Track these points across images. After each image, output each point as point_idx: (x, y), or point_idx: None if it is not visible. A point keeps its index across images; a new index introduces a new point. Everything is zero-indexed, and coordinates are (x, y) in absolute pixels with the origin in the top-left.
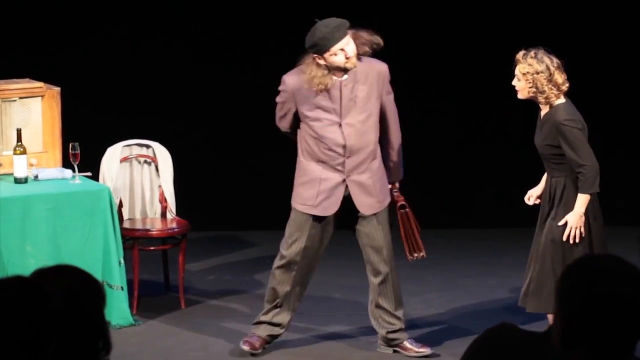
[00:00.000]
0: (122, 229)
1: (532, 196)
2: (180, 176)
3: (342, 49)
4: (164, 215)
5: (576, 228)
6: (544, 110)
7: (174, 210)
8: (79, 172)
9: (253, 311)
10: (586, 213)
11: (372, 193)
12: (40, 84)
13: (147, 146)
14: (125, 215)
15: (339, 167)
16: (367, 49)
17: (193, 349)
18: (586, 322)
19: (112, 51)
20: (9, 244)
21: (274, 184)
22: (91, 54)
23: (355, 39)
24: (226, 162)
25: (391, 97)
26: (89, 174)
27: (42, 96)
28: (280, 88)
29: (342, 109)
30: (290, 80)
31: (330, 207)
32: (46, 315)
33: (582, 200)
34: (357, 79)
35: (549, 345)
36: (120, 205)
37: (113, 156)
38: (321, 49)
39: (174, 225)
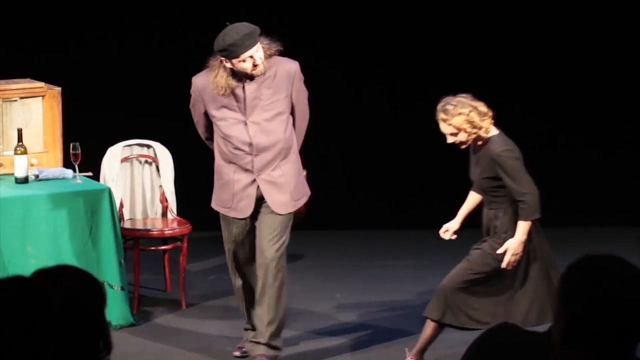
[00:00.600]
0: (123, 229)
1: (448, 230)
2: (181, 176)
3: (251, 57)
4: (164, 215)
5: (517, 255)
6: (478, 144)
7: (174, 210)
8: (80, 172)
9: None
10: (530, 237)
11: (285, 191)
12: (41, 84)
13: (148, 146)
14: (126, 216)
15: (248, 167)
16: (273, 50)
17: (193, 349)
18: (587, 322)
19: (113, 51)
20: (9, 244)
21: None
22: (92, 54)
23: (261, 43)
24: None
25: (301, 96)
26: (90, 174)
27: (42, 96)
28: (191, 91)
29: (246, 107)
30: (197, 80)
31: (246, 209)
32: (47, 315)
33: (524, 228)
34: (263, 78)
35: (549, 345)
36: (121, 205)
37: (114, 156)
38: (230, 54)
39: (175, 225)
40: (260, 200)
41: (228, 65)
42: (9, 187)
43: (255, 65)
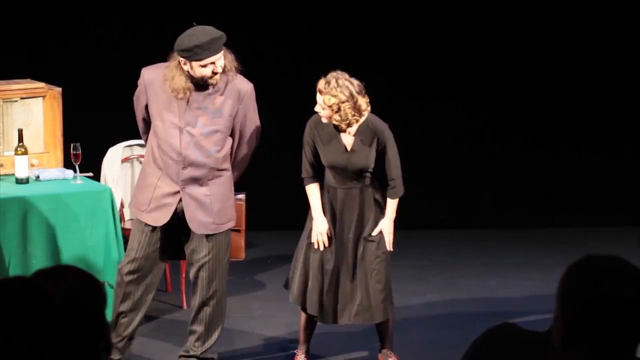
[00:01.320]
0: (124, 230)
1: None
2: None
3: (213, 63)
4: None
5: (392, 233)
6: (349, 129)
7: None
8: (80, 172)
9: (252, 312)
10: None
11: (208, 212)
12: (42, 84)
13: None
14: (127, 216)
15: (175, 178)
16: (233, 65)
17: None
18: (588, 322)
19: (113, 51)
20: (10, 245)
21: (274, 184)
22: (92, 54)
23: (225, 56)
24: None
25: (250, 123)
26: (90, 174)
27: (43, 96)
28: (138, 82)
29: (187, 115)
30: (146, 73)
31: (160, 218)
32: (47, 315)
33: (394, 206)
34: (212, 90)
35: (549, 345)
36: (122, 205)
37: (114, 156)
38: (192, 56)
39: None
40: (181, 216)
41: (186, 67)
42: (9, 187)
43: (214, 73)
